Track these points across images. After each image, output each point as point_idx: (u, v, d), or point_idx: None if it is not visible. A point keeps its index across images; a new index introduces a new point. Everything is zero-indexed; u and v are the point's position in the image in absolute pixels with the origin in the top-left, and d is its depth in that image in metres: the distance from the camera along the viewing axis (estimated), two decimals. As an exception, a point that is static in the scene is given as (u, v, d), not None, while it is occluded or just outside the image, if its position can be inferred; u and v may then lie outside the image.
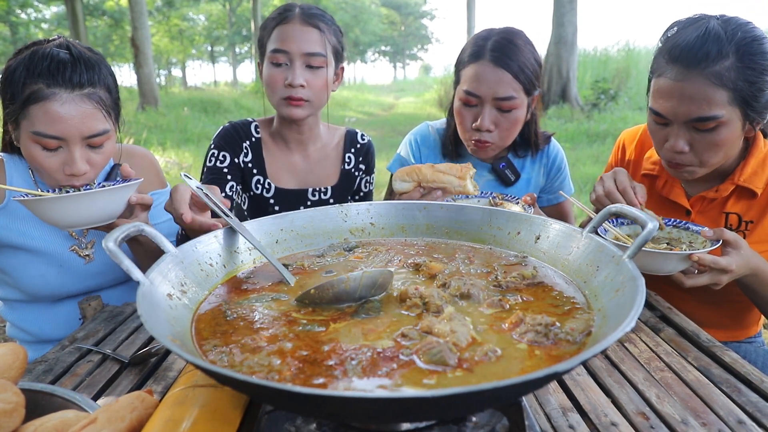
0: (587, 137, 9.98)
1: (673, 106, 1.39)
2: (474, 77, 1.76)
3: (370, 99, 27.24)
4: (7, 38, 24.73)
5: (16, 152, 1.54)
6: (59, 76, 1.33)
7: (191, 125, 12.26)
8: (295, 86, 1.76)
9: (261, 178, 1.93)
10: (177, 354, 0.67)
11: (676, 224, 1.46)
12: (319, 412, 0.73)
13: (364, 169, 2.07)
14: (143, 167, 1.73)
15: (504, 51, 1.73)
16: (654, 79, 1.46)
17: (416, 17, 64.95)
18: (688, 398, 1.00)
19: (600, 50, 17.82)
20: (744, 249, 1.34)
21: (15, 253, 1.53)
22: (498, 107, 1.76)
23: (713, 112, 1.35)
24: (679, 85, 1.37)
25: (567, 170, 2.06)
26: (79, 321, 1.52)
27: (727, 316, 1.68)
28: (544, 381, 0.65)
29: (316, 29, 1.77)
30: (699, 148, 1.42)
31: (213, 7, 39.52)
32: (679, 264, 1.29)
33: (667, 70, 1.40)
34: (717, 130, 1.38)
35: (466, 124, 1.83)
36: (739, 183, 1.52)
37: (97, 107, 1.38)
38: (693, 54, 1.34)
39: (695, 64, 1.34)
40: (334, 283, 0.95)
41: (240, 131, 1.93)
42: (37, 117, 1.33)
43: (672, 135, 1.44)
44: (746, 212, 1.56)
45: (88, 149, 1.40)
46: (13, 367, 0.77)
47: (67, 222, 1.24)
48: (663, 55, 1.43)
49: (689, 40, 1.37)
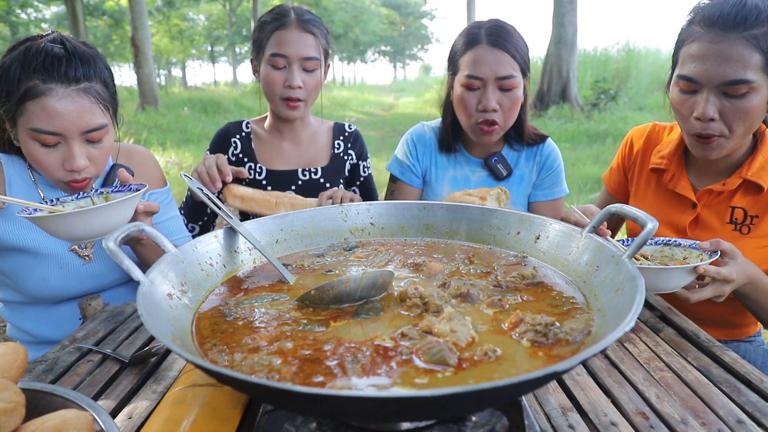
0: (587, 137, 9.99)
1: (707, 68, 1.40)
2: (474, 61, 1.83)
3: (370, 99, 27.23)
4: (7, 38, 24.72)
5: (14, 152, 1.54)
6: (54, 71, 1.32)
7: (191, 125, 12.27)
8: (294, 87, 1.92)
9: (252, 164, 2.07)
10: (177, 353, 0.67)
11: (667, 242, 1.45)
12: (319, 412, 0.73)
13: (354, 155, 2.19)
14: (143, 166, 1.73)
15: (499, 33, 1.84)
16: (685, 46, 1.47)
17: (416, 17, 64.94)
18: (688, 398, 1.00)
19: (600, 50, 17.83)
20: (740, 258, 1.34)
21: (16, 256, 1.52)
22: (500, 87, 1.83)
23: (747, 76, 1.36)
24: (717, 47, 1.38)
25: (561, 172, 2.07)
26: (79, 321, 1.52)
27: (727, 314, 1.68)
28: (544, 380, 0.65)
29: (311, 35, 1.94)
30: (728, 115, 1.42)
31: (213, 7, 39.50)
32: (683, 278, 1.28)
33: (703, 33, 1.41)
34: (747, 96, 1.39)
35: (470, 109, 1.87)
36: (746, 177, 1.53)
37: (94, 101, 1.37)
38: (731, 18, 1.37)
39: (733, 27, 1.37)
40: (335, 284, 0.95)
41: (231, 129, 2.10)
42: (34, 113, 1.32)
43: (700, 102, 1.44)
44: (752, 207, 1.56)
45: (87, 144, 1.40)
46: (13, 367, 0.77)
47: (73, 236, 1.20)
48: (696, 23, 1.44)
49: (727, 6, 1.39)
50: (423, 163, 2.09)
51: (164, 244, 0.98)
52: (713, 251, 1.33)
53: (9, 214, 1.50)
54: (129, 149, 1.75)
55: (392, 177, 2.14)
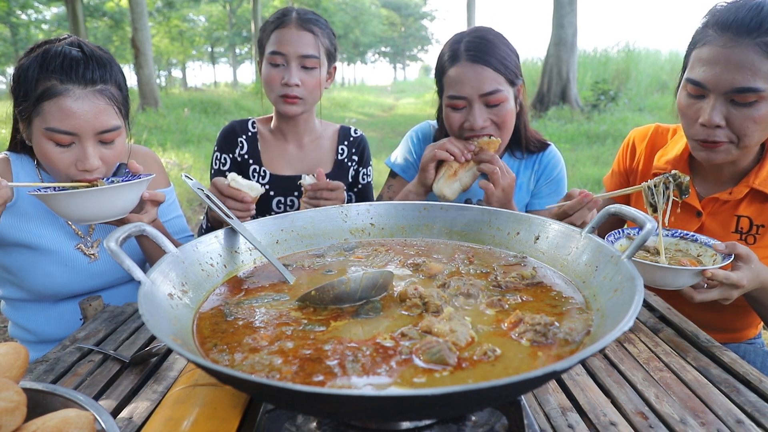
0: (587, 138, 9.99)
1: (716, 73, 1.37)
2: (455, 80, 1.75)
3: (370, 100, 27.24)
4: (7, 39, 24.75)
5: (23, 151, 1.57)
6: (72, 72, 1.35)
7: (191, 126, 12.26)
8: (291, 85, 1.91)
9: (257, 166, 2.05)
10: (179, 353, 0.68)
11: (684, 236, 1.42)
12: (320, 411, 0.74)
13: (357, 161, 2.16)
14: (147, 166, 1.76)
15: (478, 48, 1.74)
16: (697, 49, 1.44)
17: (416, 18, 64.99)
18: (687, 398, 1.01)
19: (600, 51, 17.82)
20: (755, 263, 1.31)
21: (22, 252, 1.54)
22: (486, 103, 1.75)
23: (757, 84, 1.34)
24: (728, 52, 1.35)
25: (561, 180, 2.01)
26: (80, 321, 1.52)
27: (727, 319, 1.67)
28: (543, 380, 0.65)
29: (310, 33, 1.92)
30: (735, 123, 1.39)
31: (213, 8, 39.53)
32: (690, 279, 1.26)
33: (715, 37, 1.39)
34: (756, 105, 1.36)
35: (458, 131, 1.80)
36: (753, 186, 1.50)
37: (109, 103, 1.40)
38: (746, 23, 1.34)
39: (746, 33, 1.34)
40: (335, 284, 0.95)
41: (238, 128, 2.08)
42: (51, 113, 1.35)
43: (707, 108, 1.40)
44: (758, 216, 1.53)
45: (100, 145, 1.42)
46: (14, 366, 0.77)
47: (80, 216, 1.30)
48: (710, 26, 1.41)
49: (742, 8, 1.37)
50: None
51: (165, 244, 0.99)
52: (727, 254, 1.30)
53: (16, 209, 1.52)
54: (134, 150, 1.76)
55: (391, 172, 2.13)
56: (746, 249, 1.31)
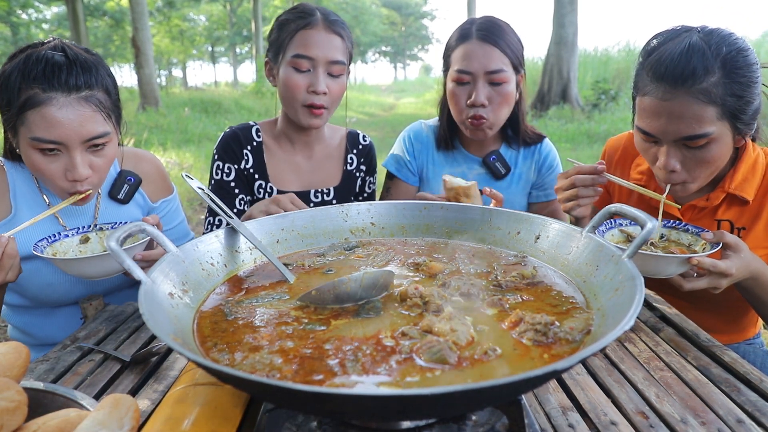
0: (588, 138, 9.98)
1: (661, 125, 1.36)
2: (464, 56, 1.84)
3: (370, 99, 27.21)
4: (8, 39, 24.74)
5: (18, 159, 1.52)
6: (55, 79, 1.30)
7: (192, 126, 12.27)
8: (319, 93, 1.75)
9: (263, 182, 1.91)
10: (179, 352, 0.68)
11: (675, 225, 1.44)
12: (320, 410, 0.74)
13: (365, 170, 2.07)
14: (150, 174, 1.71)
15: (490, 29, 1.84)
16: (639, 98, 1.42)
17: (417, 18, 64.93)
18: (688, 397, 1.01)
19: (600, 51, 17.81)
20: (744, 252, 1.31)
21: (23, 263, 1.51)
22: (489, 81, 1.83)
23: (703, 130, 1.32)
24: (667, 104, 1.33)
25: (560, 170, 2.05)
26: (80, 322, 1.52)
27: (725, 321, 1.67)
28: (544, 379, 0.65)
29: (339, 37, 1.78)
30: (691, 165, 1.39)
31: (214, 7, 39.53)
32: (679, 267, 1.27)
33: (653, 88, 1.36)
34: (708, 146, 1.35)
35: (460, 104, 1.88)
36: (729, 191, 1.50)
37: (95, 110, 1.35)
38: (679, 72, 1.30)
39: (681, 82, 1.30)
40: (336, 284, 0.95)
41: (241, 137, 1.90)
42: (35, 122, 1.30)
43: (662, 154, 1.40)
44: (738, 219, 1.53)
45: (89, 153, 1.38)
46: (15, 366, 0.77)
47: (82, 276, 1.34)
48: (647, 73, 1.38)
49: (673, 56, 1.32)
50: (419, 161, 2.09)
51: (165, 243, 0.99)
52: (715, 243, 1.31)
53: (16, 222, 1.46)
54: (136, 155, 1.72)
55: (388, 174, 2.13)
56: (735, 238, 1.31)
